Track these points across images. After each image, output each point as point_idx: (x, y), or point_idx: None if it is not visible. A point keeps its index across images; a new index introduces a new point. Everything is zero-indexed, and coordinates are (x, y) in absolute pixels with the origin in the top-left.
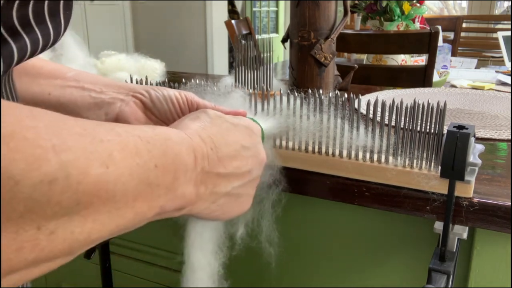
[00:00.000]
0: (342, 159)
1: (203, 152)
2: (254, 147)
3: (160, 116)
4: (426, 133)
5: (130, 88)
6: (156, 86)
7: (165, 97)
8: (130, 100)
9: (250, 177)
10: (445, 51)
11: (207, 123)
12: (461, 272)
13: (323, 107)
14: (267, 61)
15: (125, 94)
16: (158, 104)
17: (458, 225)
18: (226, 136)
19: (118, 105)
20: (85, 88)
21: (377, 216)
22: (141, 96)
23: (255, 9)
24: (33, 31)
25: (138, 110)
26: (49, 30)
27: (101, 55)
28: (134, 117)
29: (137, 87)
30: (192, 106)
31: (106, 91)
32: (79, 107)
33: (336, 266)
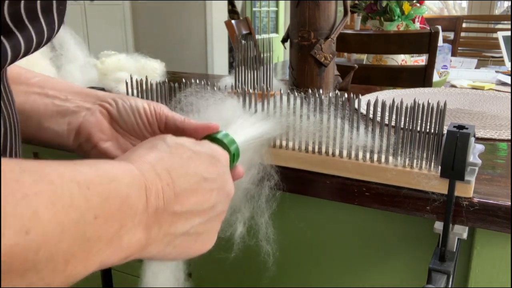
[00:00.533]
0: (342, 159)
1: (157, 189)
2: (219, 178)
3: (126, 128)
4: (426, 133)
5: (98, 96)
6: (126, 96)
7: (132, 108)
8: (96, 110)
9: (213, 212)
10: (445, 51)
11: (165, 153)
12: (461, 272)
13: (323, 107)
14: (267, 61)
15: (92, 103)
16: (125, 115)
17: (458, 225)
18: (186, 168)
19: (82, 114)
20: (49, 95)
21: (377, 216)
22: (108, 106)
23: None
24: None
25: (104, 120)
26: (43, 27)
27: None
28: (98, 129)
29: (106, 96)
30: (161, 119)
31: (71, 99)
32: (41, 115)
33: (336, 266)
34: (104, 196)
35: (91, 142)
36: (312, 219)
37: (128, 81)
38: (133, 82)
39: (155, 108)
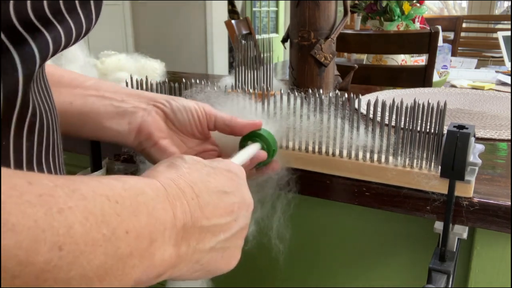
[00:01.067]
0: (342, 159)
1: (182, 204)
2: (238, 191)
3: (180, 127)
4: (426, 133)
5: (150, 97)
6: (175, 97)
7: (185, 108)
8: (152, 110)
9: (237, 226)
10: (445, 51)
11: (185, 169)
12: (461, 272)
13: (323, 107)
14: (267, 61)
15: (146, 103)
16: (179, 115)
17: (458, 225)
18: (206, 182)
19: (140, 115)
20: (106, 97)
21: (377, 216)
22: (163, 106)
23: (255, 9)
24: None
25: (160, 120)
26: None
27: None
28: (156, 127)
29: (158, 97)
30: (210, 118)
31: (127, 100)
32: (102, 116)
33: (336, 266)
34: (132, 210)
35: (151, 140)
36: (312, 219)
37: (128, 81)
38: (133, 82)
39: (204, 107)
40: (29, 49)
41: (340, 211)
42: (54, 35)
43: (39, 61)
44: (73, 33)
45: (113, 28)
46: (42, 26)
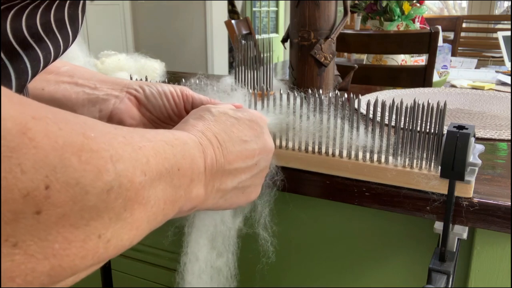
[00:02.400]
0: (342, 159)
1: (211, 152)
2: (258, 139)
3: (155, 112)
4: (426, 133)
5: (124, 84)
6: (150, 82)
7: (159, 93)
8: (124, 97)
9: (257, 169)
10: (445, 51)
11: (211, 122)
12: (461, 272)
13: (323, 107)
14: (267, 61)
15: (120, 91)
16: (153, 100)
17: (458, 225)
18: (230, 133)
19: (112, 102)
20: (79, 84)
21: (377, 216)
22: (135, 92)
23: (255, 9)
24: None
25: (133, 107)
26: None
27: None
28: (128, 115)
29: (132, 83)
30: (188, 101)
31: (100, 87)
32: (73, 103)
33: (336, 266)
34: (182, 154)
35: None
36: (312, 219)
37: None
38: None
39: (181, 90)
40: (23, 65)
41: (340, 211)
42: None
43: (31, 76)
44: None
45: (113, 28)
46: (34, 43)
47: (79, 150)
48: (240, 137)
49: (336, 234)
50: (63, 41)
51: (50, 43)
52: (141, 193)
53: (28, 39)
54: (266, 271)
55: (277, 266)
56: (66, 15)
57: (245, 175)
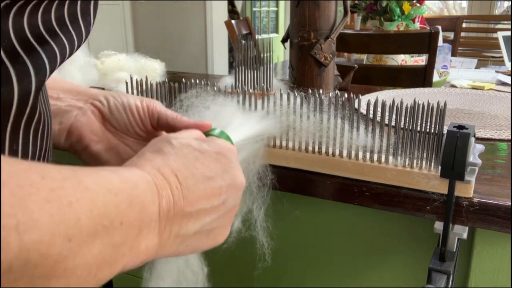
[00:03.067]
0: (342, 159)
1: (168, 194)
2: (226, 174)
3: (118, 126)
4: (426, 133)
5: (90, 94)
6: (118, 93)
7: (124, 106)
8: (87, 109)
9: (225, 208)
10: (445, 51)
11: (171, 156)
12: (461, 272)
13: (323, 107)
14: (267, 61)
15: (84, 102)
16: (116, 114)
17: (458, 225)
18: (193, 168)
19: (74, 114)
20: None
21: (377, 216)
22: (99, 105)
23: (255, 9)
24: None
25: (95, 120)
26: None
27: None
28: (89, 129)
29: (98, 94)
30: (153, 116)
31: (63, 98)
32: None
33: (336, 266)
34: (128, 202)
35: (82, 143)
36: (312, 219)
37: (128, 81)
38: (133, 82)
39: (147, 104)
40: (41, 60)
41: (340, 211)
42: (60, 47)
43: (49, 72)
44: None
45: (113, 28)
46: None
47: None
48: (204, 173)
49: (336, 234)
50: (77, 35)
51: (64, 38)
52: (60, 266)
53: (44, 34)
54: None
55: (276, 266)
56: (79, 9)
57: (210, 217)
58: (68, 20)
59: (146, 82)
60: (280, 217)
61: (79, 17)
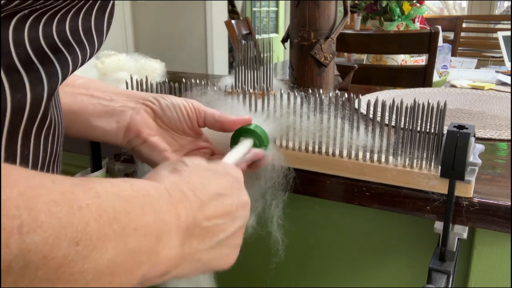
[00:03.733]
0: (342, 159)
1: (186, 207)
2: (234, 193)
3: (169, 124)
4: (426, 133)
5: (139, 96)
6: (164, 94)
7: (174, 105)
8: (140, 108)
9: (235, 226)
10: (445, 51)
11: (186, 174)
12: (461, 272)
13: (323, 107)
14: (267, 61)
15: (135, 102)
16: (168, 112)
17: (458, 225)
18: (207, 185)
19: (129, 113)
20: (95, 96)
21: (377, 216)
22: (151, 104)
23: (255, 9)
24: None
25: (149, 118)
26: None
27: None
28: (145, 124)
29: (147, 95)
30: (200, 114)
31: (116, 99)
32: (90, 114)
33: (336, 266)
34: (140, 209)
35: (141, 138)
36: (312, 219)
37: (128, 81)
38: (133, 82)
39: (193, 104)
40: (54, 68)
41: (340, 211)
42: (73, 56)
43: (61, 79)
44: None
45: (113, 28)
46: (64, 47)
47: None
48: (217, 190)
49: (336, 234)
50: (89, 46)
51: (77, 48)
52: (66, 270)
53: (58, 44)
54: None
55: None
56: (93, 21)
57: (224, 234)
58: (82, 30)
59: (146, 82)
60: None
61: (92, 28)
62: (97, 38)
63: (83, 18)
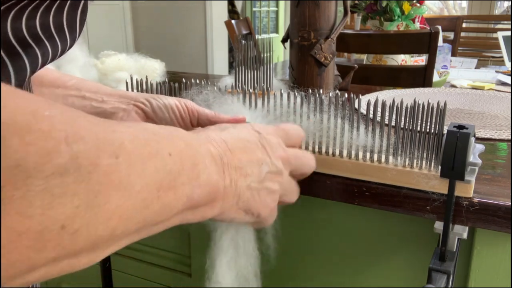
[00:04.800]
0: (342, 159)
1: (214, 146)
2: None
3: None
4: (426, 133)
5: (131, 97)
6: (156, 95)
7: (166, 106)
8: (131, 110)
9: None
10: (445, 51)
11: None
12: (461, 272)
13: (323, 107)
14: (267, 61)
15: (127, 103)
16: (160, 113)
17: (458, 225)
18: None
19: (120, 115)
20: (86, 97)
21: (377, 216)
22: (143, 106)
23: (255, 9)
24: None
25: (140, 120)
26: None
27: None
28: None
29: (138, 96)
30: (193, 115)
31: (107, 101)
32: None
33: (336, 266)
34: (170, 140)
35: None
36: (312, 219)
37: (128, 81)
38: (133, 82)
39: (186, 104)
40: (22, 62)
41: (340, 211)
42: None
43: (29, 73)
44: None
45: (113, 28)
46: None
47: (22, 129)
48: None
49: (335, 234)
50: (61, 42)
51: (48, 43)
52: (114, 177)
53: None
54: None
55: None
56: (65, 17)
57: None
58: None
59: (146, 82)
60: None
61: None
62: (69, 34)
63: (54, 15)
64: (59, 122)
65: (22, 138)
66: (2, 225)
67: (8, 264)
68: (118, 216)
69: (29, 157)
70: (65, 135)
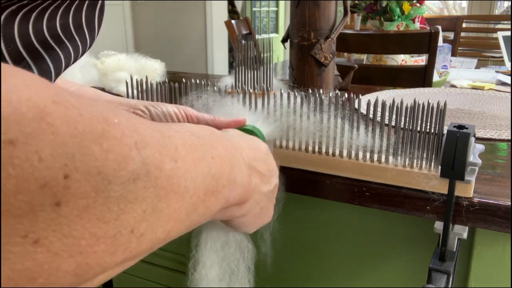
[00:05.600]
0: (342, 159)
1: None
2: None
3: None
4: (426, 133)
5: (130, 104)
6: (155, 102)
7: (164, 114)
8: None
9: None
10: (445, 51)
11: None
12: (461, 272)
13: (323, 107)
14: (267, 61)
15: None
16: (158, 121)
17: (458, 225)
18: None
19: None
20: None
21: (377, 216)
22: (141, 113)
23: (255, 9)
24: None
25: None
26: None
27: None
28: None
29: (138, 104)
30: (192, 121)
31: None
32: None
33: (336, 266)
34: (211, 143)
35: None
36: (312, 219)
37: (128, 81)
38: (133, 82)
39: (184, 110)
40: (46, 66)
41: (340, 211)
42: (65, 52)
43: (54, 77)
44: (80, 49)
45: (113, 28)
46: (55, 44)
47: (100, 137)
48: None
49: (335, 234)
50: (81, 42)
51: (69, 44)
52: (175, 181)
53: (49, 40)
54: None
55: (275, 266)
56: (84, 17)
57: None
58: (73, 27)
59: (146, 82)
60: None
61: (83, 25)
62: (89, 34)
63: (73, 15)
64: (127, 129)
65: (101, 146)
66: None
67: (87, 267)
68: (173, 219)
69: (108, 164)
70: (135, 141)
